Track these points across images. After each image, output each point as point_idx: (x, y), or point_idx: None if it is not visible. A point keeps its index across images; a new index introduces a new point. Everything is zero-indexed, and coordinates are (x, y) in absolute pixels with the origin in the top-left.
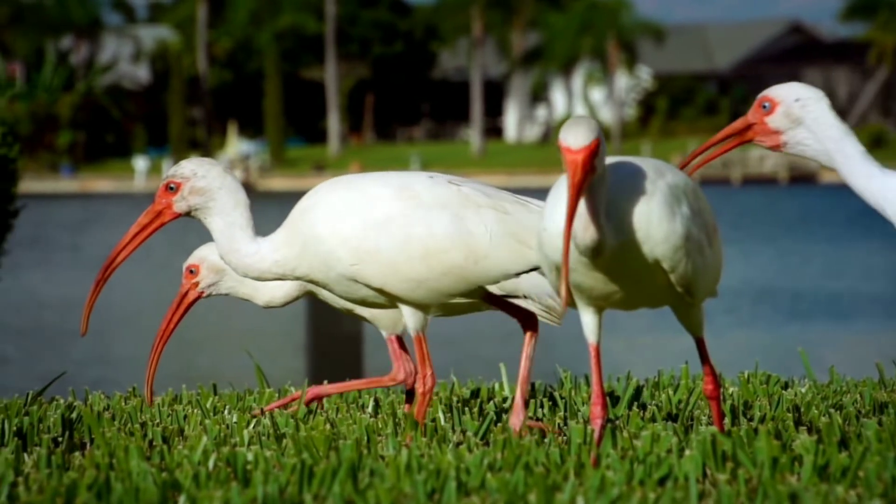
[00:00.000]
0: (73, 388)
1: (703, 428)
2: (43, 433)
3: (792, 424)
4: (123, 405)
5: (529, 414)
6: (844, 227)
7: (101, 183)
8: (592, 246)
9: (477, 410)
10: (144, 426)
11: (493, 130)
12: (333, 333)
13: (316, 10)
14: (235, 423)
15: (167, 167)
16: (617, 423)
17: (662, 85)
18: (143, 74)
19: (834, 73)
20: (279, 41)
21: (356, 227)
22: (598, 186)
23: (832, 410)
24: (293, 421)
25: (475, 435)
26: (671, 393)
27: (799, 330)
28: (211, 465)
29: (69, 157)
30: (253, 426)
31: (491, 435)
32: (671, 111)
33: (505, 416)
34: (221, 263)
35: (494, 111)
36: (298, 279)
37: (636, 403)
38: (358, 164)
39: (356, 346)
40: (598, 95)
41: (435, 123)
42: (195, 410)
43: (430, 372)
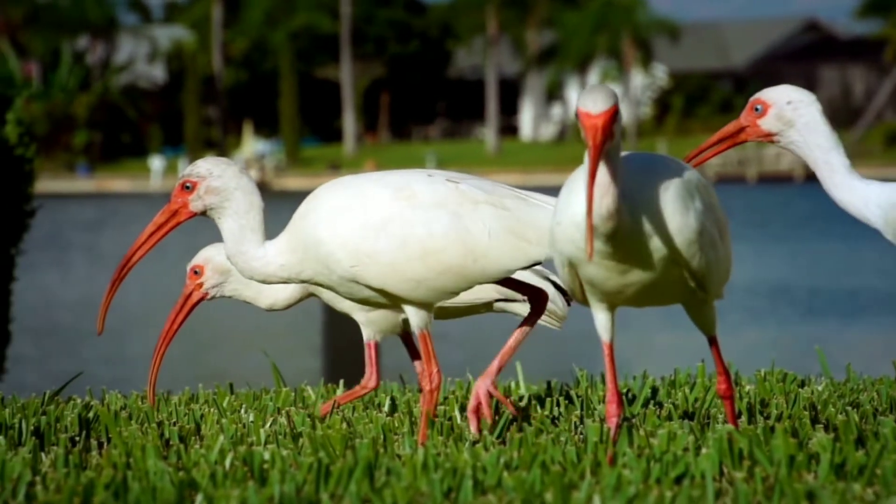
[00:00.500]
0: (90, 387)
1: (719, 426)
2: (60, 432)
3: (808, 422)
4: (140, 404)
5: (546, 412)
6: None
7: (117, 182)
8: (609, 214)
9: (493, 409)
10: (161, 425)
11: (508, 129)
12: (349, 333)
13: (331, 9)
14: (252, 422)
15: (183, 167)
16: (633, 421)
17: (678, 83)
18: (158, 74)
19: (850, 70)
20: (294, 41)
21: (354, 229)
22: (614, 154)
23: (849, 408)
24: (309, 420)
25: (491, 433)
26: (687, 391)
27: (815, 328)
28: (228, 464)
29: (85, 156)
30: (269, 425)
31: (507, 433)
32: (687, 109)
33: (522, 414)
34: (227, 265)
35: (510, 110)
36: (305, 282)
37: (652, 402)
38: (373, 163)
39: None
40: None
41: (450, 122)
42: (212, 409)
43: (436, 369)
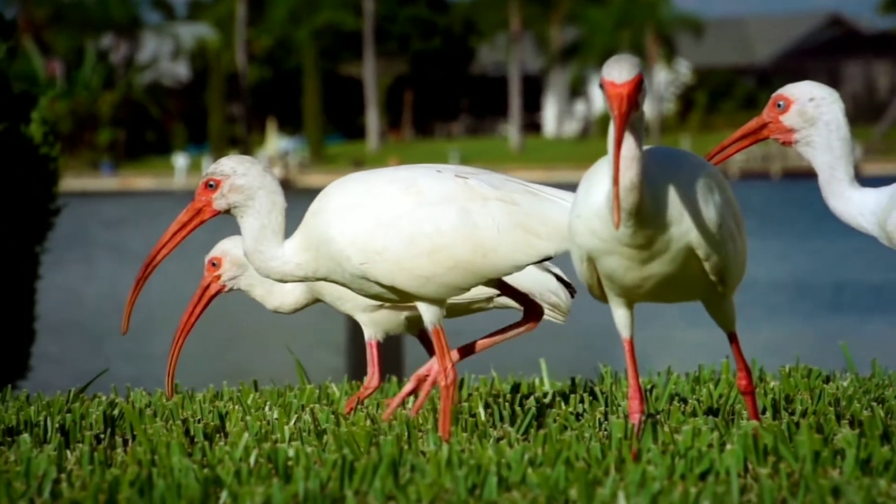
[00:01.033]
0: (114, 384)
1: (744, 422)
2: (85, 430)
3: (833, 418)
4: (165, 402)
5: (570, 409)
6: None
7: (141, 180)
8: (633, 185)
9: (517, 405)
10: (186, 422)
11: (531, 126)
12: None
13: (354, 6)
14: (276, 419)
15: (207, 165)
16: (658, 417)
17: (701, 79)
18: (182, 72)
19: (874, 65)
20: (318, 38)
21: (363, 226)
22: (638, 126)
23: (874, 404)
24: (334, 417)
25: (516, 430)
26: (712, 387)
27: (840, 323)
28: (252, 461)
29: (110, 154)
30: (294, 422)
31: (532, 430)
32: (710, 105)
33: (546, 411)
34: (244, 258)
35: (533, 106)
36: (321, 280)
37: (677, 398)
38: (396, 160)
39: (395, 342)
40: None
41: (474, 119)
42: (236, 407)
43: (450, 365)
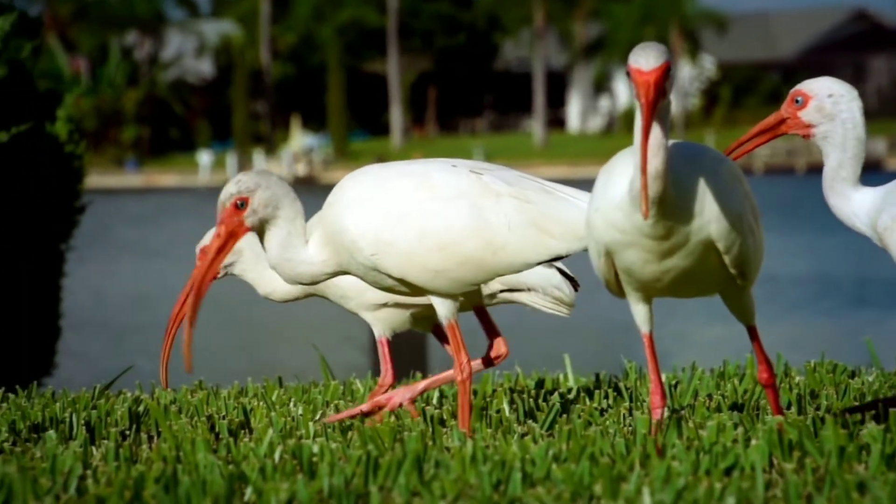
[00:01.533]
0: (139, 381)
1: (769, 417)
2: (111, 426)
3: (859, 413)
4: (190, 398)
5: (594, 404)
6: None
7: (165, 177)
8: (659, 173)
9: (542, 401)
10: (211, 419)
11: (555, 121)
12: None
13: (378, 3)
14: (301, 415)
15: (231, 161)
16: (682, 413)
17: (726, 74)
18: (206, 69)
19: None
20: (342, 35)
21: (374, 218)
22: (665, 114)
23: None
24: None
25: (540, 426)
26: (737, 383)
27: (864, 318)
28: (277, 457)
29: (134, 151)
30: (318, 418)
31: (556, 426)
32: (735, 100)
33: (571, 406)
34: (237, 245)
35: (557, 102)
36: (348, 274)
37: (702, 394)
38: (420, 156)
39: (419, 339)
40: None
41: (498, 115)
42: (261, 403)
43: (466, 360)
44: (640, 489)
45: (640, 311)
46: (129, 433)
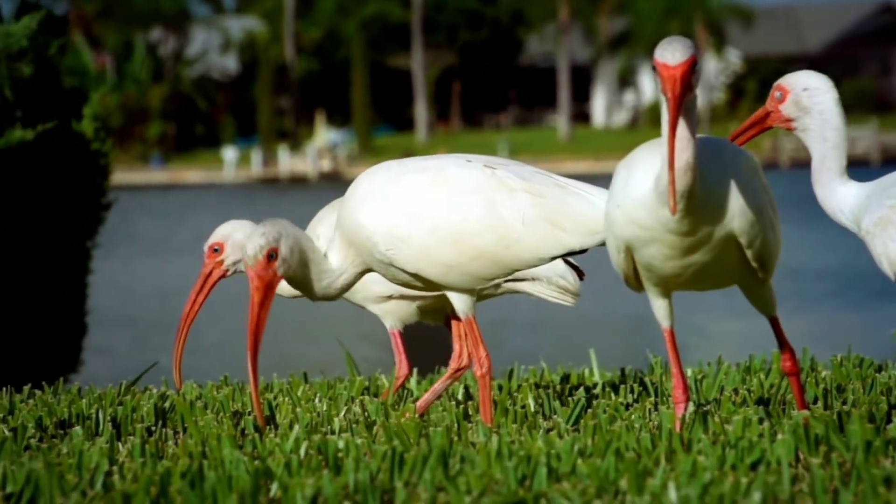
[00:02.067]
0: (165, 377)
1: (795, 412)
2: (137, 422)
3: (886, 407)
4: (215, 394)
5: (619, 399)
6: None
7: (190, 173)
8: (689, 166)
9: (567, 396)
10: (236, 415)
11: (580, 116)
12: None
13: None
14: (326, 411)
15: (256, 157)
16: (708, 408)
17: (752, 68)
18: (231, 65)
19: None
20: (366, 30)
21: (388, 213)
22: (692, 108)
23: None
24: (383, 408)
25: (565, 421)
26: (763, 377)
27: (891, 312)
28: (302, 452)
29: (159, 148)
30: (344, 414)
31: (581, 421)
32: (761, 94)
33: (595, 402)
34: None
35: (582, 96)
36: (372, 271)
37: (728, 388)
38: (445, 151)
39: (443, 335)
40: None
41: (522, 110)
42: (286, 399)
43: (484, 354)
44: (665, 484)
45: (660, 305)
46: (154, 429)
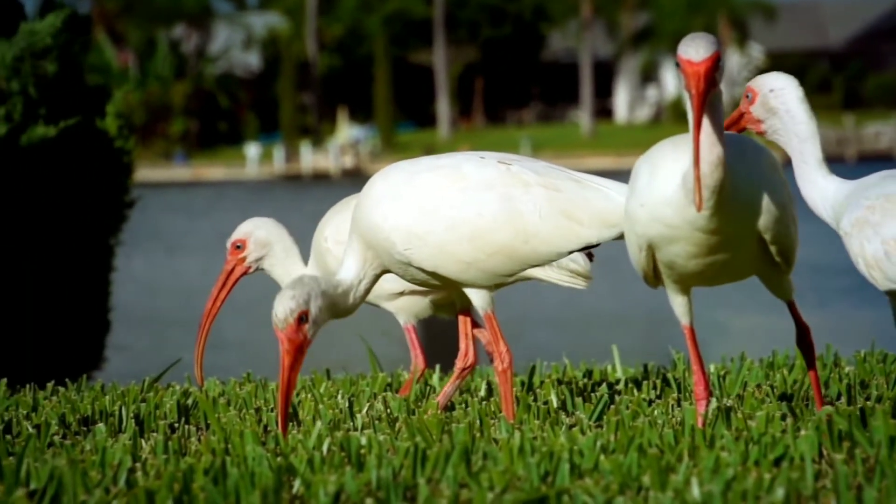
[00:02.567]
0: (188, 374)
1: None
2: (160, 419)
3: None
4: (238, 391)
5: (642, 395)
6: None
7: (213, 170)
8: (719, 161)
9: (590, 392)
10: (259, 411)
11: (603, 112)
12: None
13: None
14: (348, 407)
15: (278, 154)
16: (731, 403)
17: (774, 62)
18: (253, 62)
19: None
20: (388, 26)
21: (405, 212)
22: (717, 103)
23: None
24: (405, 405)
25: (588, 417)
26: (786, 373)
27: None
28: (325, 449)
29: (182, 145)
30: (366, 411)
31: (604, 417)
32: None
33: (618, 398)
34: (268, 237)
35: (604, 92)
36: (390, 272)
37: (751, 384)
38: (468, 147)
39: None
40: None
41: (545, 106)
42: (309, 395)
43: (505, 349)
44: (688, 480)
45: (679, 302)
46: (177, 426)
